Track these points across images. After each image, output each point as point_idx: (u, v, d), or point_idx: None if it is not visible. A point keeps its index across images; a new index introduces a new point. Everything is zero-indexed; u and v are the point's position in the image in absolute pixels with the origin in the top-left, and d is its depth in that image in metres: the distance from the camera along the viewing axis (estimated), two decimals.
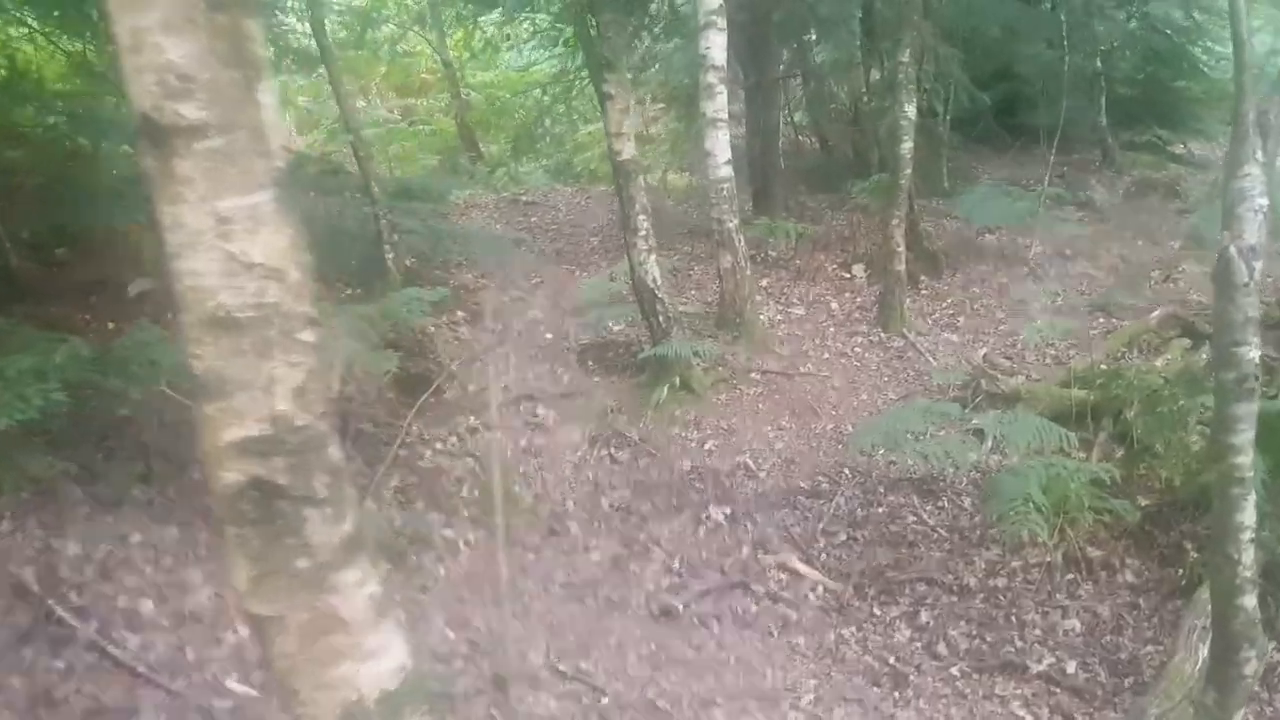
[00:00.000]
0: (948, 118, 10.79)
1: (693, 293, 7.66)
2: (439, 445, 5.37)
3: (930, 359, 6.52)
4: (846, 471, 5.22)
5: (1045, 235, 9.31)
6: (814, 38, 12.37)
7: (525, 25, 13.18)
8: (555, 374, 6.12)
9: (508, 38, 14.08)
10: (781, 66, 10.96)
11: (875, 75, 12.31)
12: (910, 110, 6.47)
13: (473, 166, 13.27)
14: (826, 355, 6.57)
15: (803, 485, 5.14)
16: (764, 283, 7.92)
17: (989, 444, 5.17)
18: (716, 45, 6.10)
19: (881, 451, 5.19)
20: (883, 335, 6.87)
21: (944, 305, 7.69)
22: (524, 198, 11.65)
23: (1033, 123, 11.33)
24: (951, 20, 9.61)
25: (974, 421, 5.26)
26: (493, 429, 5.46)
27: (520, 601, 4.01)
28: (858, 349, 6.70)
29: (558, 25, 10.21)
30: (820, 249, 8.53)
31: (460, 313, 6.71)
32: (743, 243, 6.46)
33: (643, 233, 5.53)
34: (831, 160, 12.76)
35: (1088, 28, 11.31)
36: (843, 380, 6.25)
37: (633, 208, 5.48)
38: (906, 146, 6.51)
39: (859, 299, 7.65)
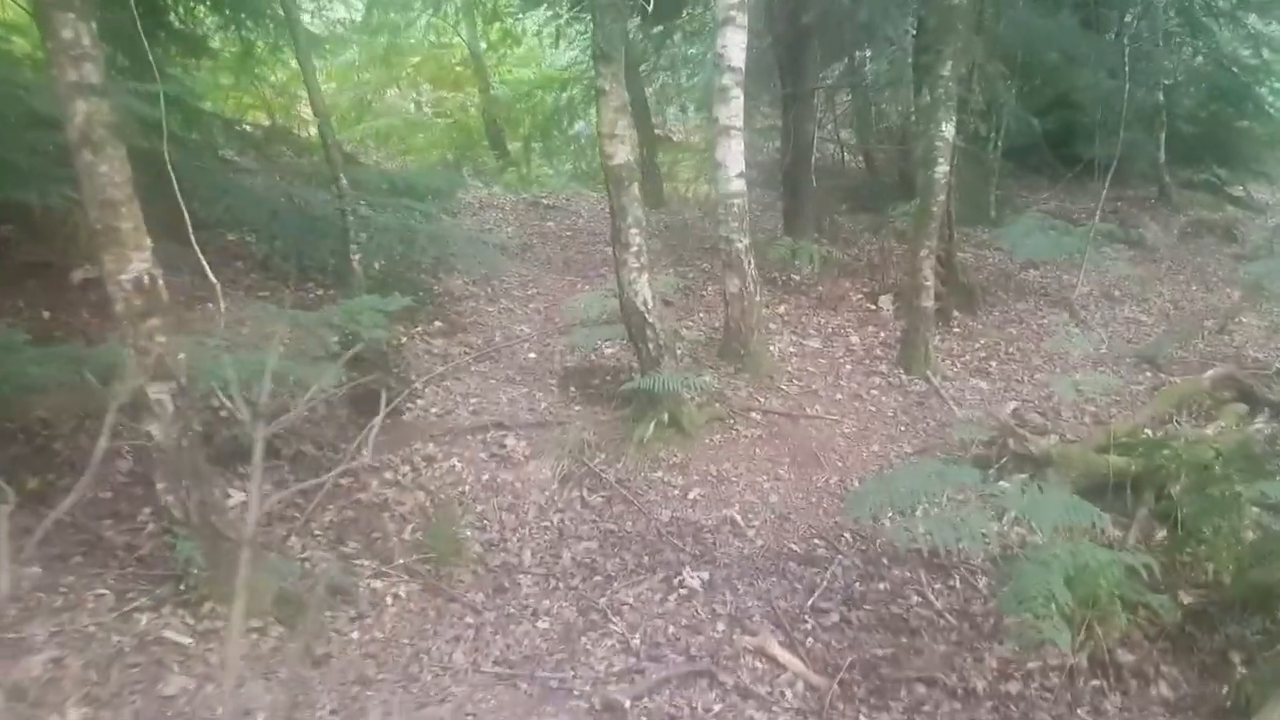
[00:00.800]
0: (998, 144, 10.10)
1: (700, 315, 7.01)
2: (388, 474, 4.79)
3: (955, 408, 5.80)
4: (847, 535, 4.53)
5: (1092, 274, 8.58)
6: (867, 52, 11.75)
7: (563, 21, 12.72)
8: (532, 398, 5.50)
9: (539, 32, 13.60)
10: (828, 79, 10.30)
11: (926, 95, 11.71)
12: (948, 130, 5.76)
13: (496, 164, 12.77)
14: (839, 396, 5.88)
15: (795, 549, 4.46)
16: (781, 309, 7.25)
17: (1011, 514, 4.47)
18: (734, 44, 5.46)
19: (890, 515, 4.50)
20: (904, 377, 6.16)
21: (976, 347, 6.96)
22: (544, 200, 11.11)
23: (1087, 154, 10.68)
24: (1008, 44, 8.93)
25: (997, 485, 4.59)
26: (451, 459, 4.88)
27: (439, 684, 3.40)
28: (875, 391, 6.00)
29: (580, 16, 9.63)
30: (847, 276, 7.84)
31: (438, 322, 6.13)
32: (752, 265, 5.80)
33: (634, 248, 4.90)
34: (876, 181, 12.12)
35: (1152, 59, 10.66)
36: (854, 426, 5.55)
37: (624, 219, 4.86)
38: (941, 170, 5.80)
39: (883, 334, 6.94)
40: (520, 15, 13.78)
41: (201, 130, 7.00)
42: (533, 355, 6.02)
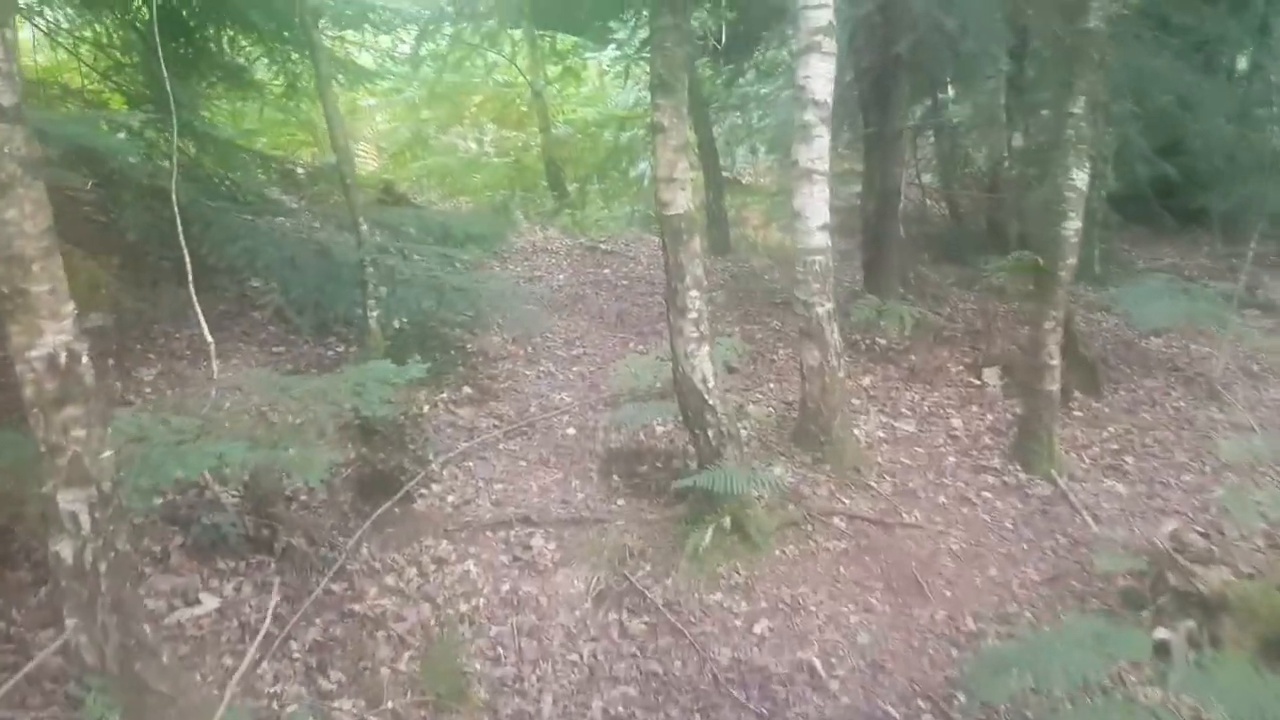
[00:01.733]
0: (1104, 192, 9.01)
1: (771, 386, 6.06)
2: (390, 579, 3.94)
3: (1089, 520, 4.71)
4: (960, 699, 3.50)
5: (1222, 344, 7.41)
6: (950, 92, 10.87)
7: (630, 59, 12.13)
8: (567, 487, 4.61)
9: (606, 72, 13.02)
10: (912, 121, 9.38)
11: (1018, 139, 10.72)
12: (1079, 179, 4.77)
13: (553, 205, 12.11)
14: (942, 499, 4.85)
15: (893, 712, 3.46)
16: (866, 381, 6.25)
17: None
18: (819, 75, 4.59)
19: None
20: (1022, 476, 5.10)
21: (1104, 436, 5.84)
22: (602, 244, 10.36)
23: (1200, 206, 9.56)
24: (1117, 85, 7.92)
25: (1155, 634, 3.55)
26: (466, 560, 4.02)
27: None
28: (987, 493, 4.95)
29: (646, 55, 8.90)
30: (943, 342, 6.81)
31: (467, 388, 5.32)
32: (836, 335, 4.86)
33: (692, 314, 4.02)
34: (961, 230, 11.11)
35: (1274, 104, 9.50)
36: (963, 540, 4.51)
37: (681, 279, 3.98)
38: (1072, 227, 4.80)
39: (990, 417, 5.88)
40: (587, 55, 13.25)
41: (236, 166, 6.43)
42: (572, 431, 5.15)
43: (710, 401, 4.09)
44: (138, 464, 2.73)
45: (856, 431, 5.33)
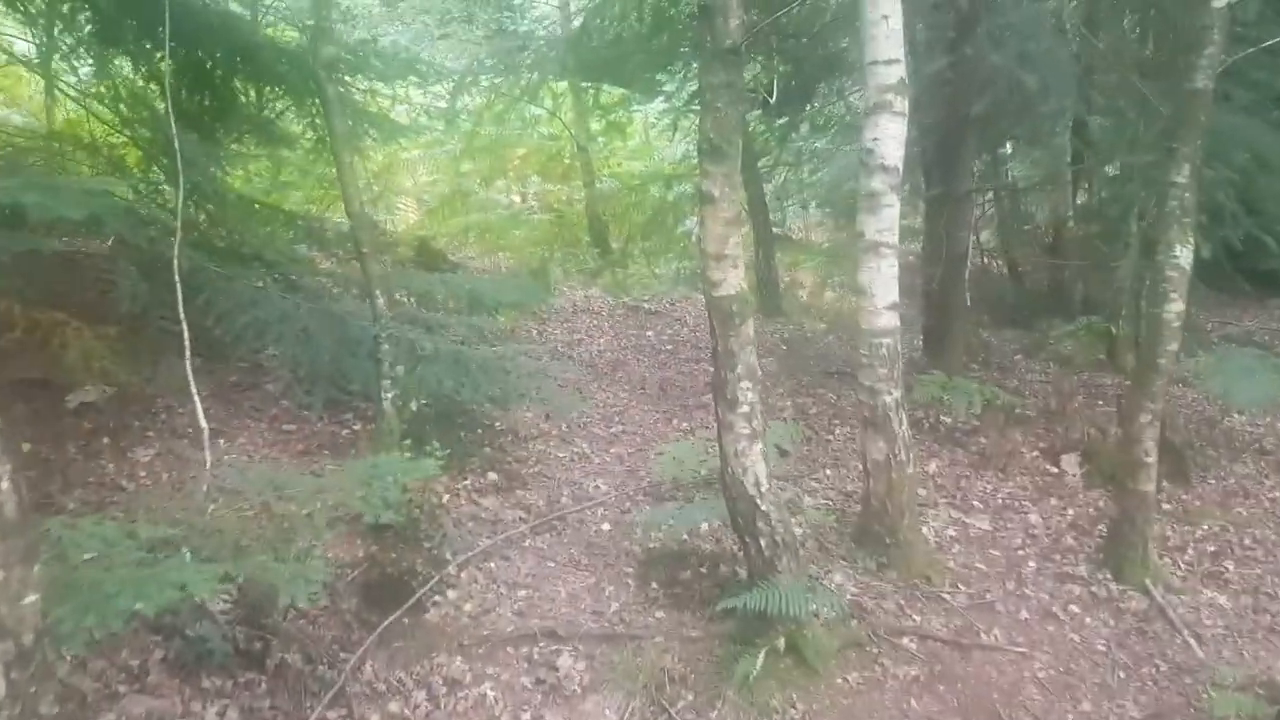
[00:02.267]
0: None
1: (827, 473, 5.51)
2: (394, 705, 3.45)
3: (1192, 642, 4.07)
4: None
5: None
6: (1008, 149, 10.41)
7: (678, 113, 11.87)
8: (600, 594, 4.10)
9: (654, 125, 12.75)
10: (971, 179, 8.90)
11: (1081, 197, 10.20)
12: (1183, 257, 4.21)
13: (597, 263, 11.77)
14: (1025, 614, 4.24)
15: None
16: (931, 467, 5.68)
17: None
18: (889, 136, 4.13)
19: None
20: (1113, 587, 4.47)
21: (1198, 535, 5.19)
22: (646, 305, 9.96)
23: (1272, 268, 8.96)
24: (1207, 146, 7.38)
25: None
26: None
27: None
28: (1074, 607, 4.32)
29: (694, 109, 8.59)
30: (1015, 423, 6.20)
31: (492, 474, 4.86)
32: (904, 426, 4.32)
33: (744, 408, 3.53)
34: (1022, 292, 10.55)
35: None
36: (1051, 666, 3.90)
37: (731, 368, 3.50)
38: (1174, 309, 4.23)
39: (1071, 511, 5.26)
40: (634, 108, 13.01)
41: (257, 226, 6.15)
42: (606, 527, 4.64)
43: (763, 507, 3.57)
44: (85, 594, 2.30)
45: (924, 529, 4.76)
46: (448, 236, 11.78)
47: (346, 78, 5.94)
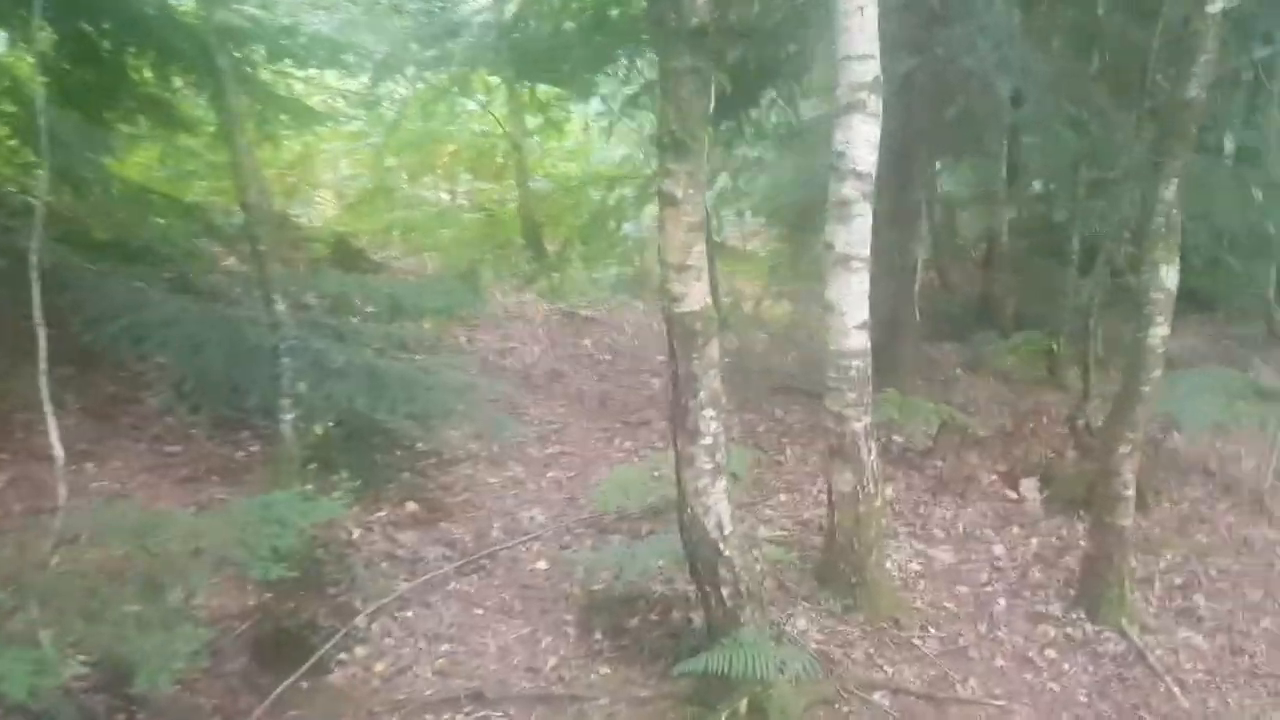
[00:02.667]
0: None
1: (781, 499, 5.10)
2: None
3: (1176, 690, 3.79)
4: None
5: (1244, 440, 6.66)
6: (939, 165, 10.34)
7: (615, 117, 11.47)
8: (535, 647, 3.59)
9: (588, 126, 12.27)
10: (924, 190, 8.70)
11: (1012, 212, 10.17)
12: (1169, 278, 3.93)
13: (530, 266, 11.22)
14: (1000, 661, 3.89)
15: None
16: (889, 492, 5.32)
17: None
18: (860, 139, 3.75)
19: None
20: (1089, 628, 4.16)
21: (1163, 566, 4.95)
22: (584, 311, 9.46)
23: (1193, 287, 9.17)
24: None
25: None
26: None
27: None
28: (1050, 651, 3.99)
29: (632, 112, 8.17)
30: (970, 444, 5.91)
31: (412, 504, 4.30)
32: (874, 455, 3.94)
33: (706, 439, 3.08)
34: (953, 304, 10.48)
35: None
36: None
37: (693, 393, 3.05)
38: (1158, 335, 3.95)
39: (1035, 541, 4.97)
40: (572, 109, 12.53)
41: (148, 214, 5.46)
42: (543, 565, 4.13)
43: (726, 553, 3.13)
44: None
45: (888, 563, 4.38)
46: (370, 234, 11.09)
47: (251, 55, 5.32)
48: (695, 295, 3.08)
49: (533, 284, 10.33)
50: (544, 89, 12.10)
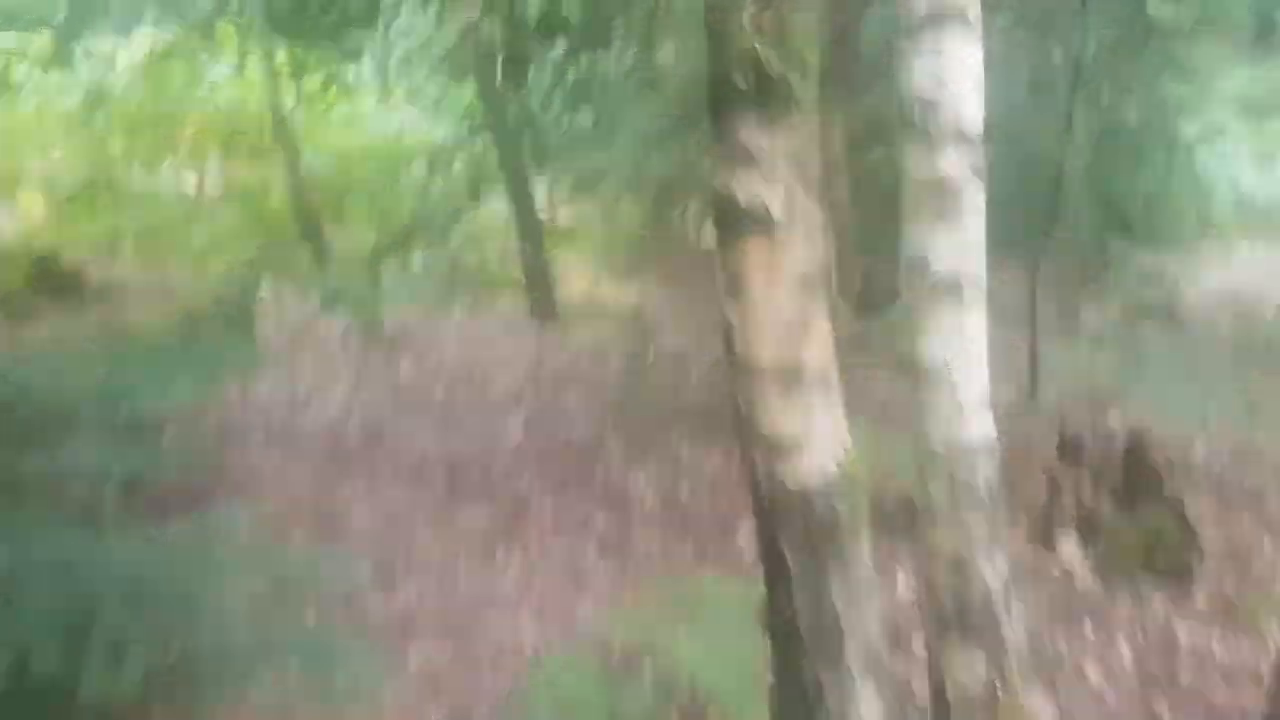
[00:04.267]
0: None
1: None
2: None
3: None
4: None
5: None
6: None
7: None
8: None
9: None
10: None
11: None
12: None
13: (310, 269, 8.79)
14: None
15: None
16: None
17: None
18: (965, 71, 2.06)
19: None
20: None
21: None
22: (390, 329, 7.29)
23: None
24: None
25: None
26: None
27: None
28: None
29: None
30: None
31: None
32: (1020, 630, 2.28)
33: None
34: None
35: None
36: None
37: (838, 650, 1.25)
38: None
39: (1128, 648, 3.58)
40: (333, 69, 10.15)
41: None
42: None
43: None
44: None
45: None
46: (88, 246, 8.24)
47: None
48: (819, 440, 1.27)
49: (319, 294, 7.95)
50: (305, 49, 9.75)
